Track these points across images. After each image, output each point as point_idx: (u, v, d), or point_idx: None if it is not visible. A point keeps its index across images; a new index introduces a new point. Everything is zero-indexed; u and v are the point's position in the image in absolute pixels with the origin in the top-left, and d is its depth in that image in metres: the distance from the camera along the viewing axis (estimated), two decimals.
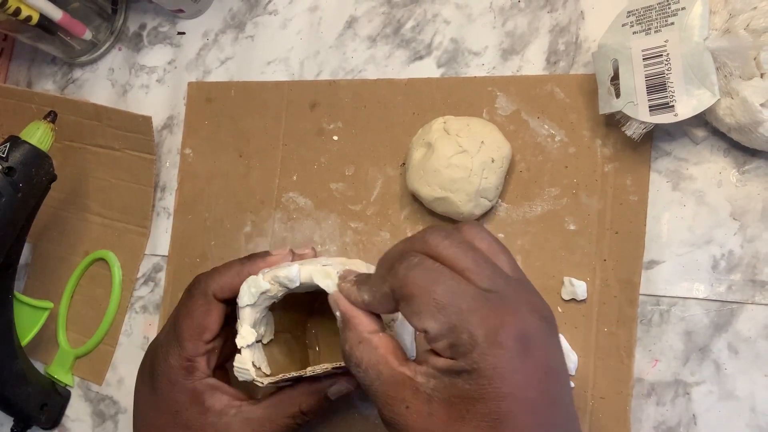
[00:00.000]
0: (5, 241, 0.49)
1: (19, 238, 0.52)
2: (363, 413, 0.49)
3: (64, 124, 0.61)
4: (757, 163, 0.43)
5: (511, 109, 0.49)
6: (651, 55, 0.41)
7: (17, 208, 0.49)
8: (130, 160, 0.61)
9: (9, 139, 0.49)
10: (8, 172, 0.48)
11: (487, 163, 0.45)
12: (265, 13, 0.59)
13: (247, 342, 0.41)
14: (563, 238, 0.46)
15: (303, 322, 0.47)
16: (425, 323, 0.31)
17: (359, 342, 0.34)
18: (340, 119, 0.54)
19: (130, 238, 0.61)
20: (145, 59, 0.64)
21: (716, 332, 0.42)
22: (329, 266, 0.39)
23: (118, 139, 0.61)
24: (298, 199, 0.55)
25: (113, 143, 0.61)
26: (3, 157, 0.48)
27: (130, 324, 0.60)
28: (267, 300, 0.41)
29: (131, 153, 0.60)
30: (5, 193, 0.47)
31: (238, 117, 0.58)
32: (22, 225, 0.51)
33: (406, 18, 0.54)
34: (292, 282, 0.39)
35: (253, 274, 0.41)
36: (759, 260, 0.42)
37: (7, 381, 0.55)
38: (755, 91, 0.39)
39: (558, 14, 0.49)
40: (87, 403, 0.61)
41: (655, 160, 0.45)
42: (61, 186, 0.63)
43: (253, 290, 0.40)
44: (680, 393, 0.42)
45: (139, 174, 0.60)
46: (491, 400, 0.29)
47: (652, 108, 0.41)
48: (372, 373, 0.33)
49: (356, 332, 0.35)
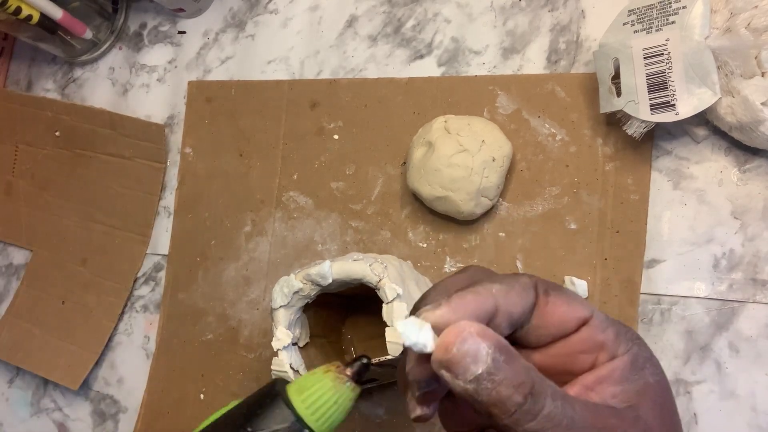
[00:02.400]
0: None
1: None
2: (363, 413, 0.49)
3: (78, 132, 0.61)
4: (758, 161, 0.43)
5: (512, 108, 0.49)
6: (652, 54, 0.41)
7: None
8: (139, 169, 0.61)
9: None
10: None
11: (488, 162, 0.45)
12: (265, 12, 0.59)
13: (283, 344, 0.40)
14: (564, 237, 0.46)
15: (338, 327, 0.47)
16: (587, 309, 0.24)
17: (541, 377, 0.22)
18: (341, 118, 0.54)
19: (129, 246, 0.61)
20: (146, 58, 0.64)
21: (717, 331, 0.42)
22: (360, 260, 0.38)
23: (130, 147, 0.61)
24: (298, 198, 0.55)
25: (124, 151, 0.61)
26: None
27: (130, 323, 0.60)
28: (300, 300, 0.40)
29: (141, 161, 0.61)
30: None
31: (239, 116, 0.58)
32: None
33: (407, 17, 0.54)
34: (325, 279, 0.39)
35: None
36: (760, 259, 0.42)
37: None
38: (756, 89, 0.39)
39: (559, 13, 0.49)
40: (87, 403, 0.61)
41: (656, 159, 0.45)
42: (66, 194, 0.64)
43: (286, 290, 0.40)
44: (681, 392, 0.42)
45: (146, 182, 0.60)
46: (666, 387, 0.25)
47: (653, 107, 0.41)
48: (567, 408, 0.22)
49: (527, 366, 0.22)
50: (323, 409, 0.28)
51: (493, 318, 0.24)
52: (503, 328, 0.24)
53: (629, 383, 0.24)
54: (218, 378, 0.56)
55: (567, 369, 0.25)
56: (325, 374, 0.28)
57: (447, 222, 0.49)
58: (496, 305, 0.24)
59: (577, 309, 0.24)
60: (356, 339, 0.47)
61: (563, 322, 0.24)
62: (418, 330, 0.22)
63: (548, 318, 0.25)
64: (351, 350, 0.47)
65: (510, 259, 0.48)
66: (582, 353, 0.25)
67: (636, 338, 0.25)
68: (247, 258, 0.56)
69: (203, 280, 0.57)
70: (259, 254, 0.56)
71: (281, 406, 0.29)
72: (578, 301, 0.25)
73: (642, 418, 0.23)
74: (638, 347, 0.24)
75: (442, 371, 0.22)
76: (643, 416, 0.23)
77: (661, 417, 0.24)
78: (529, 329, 0.25)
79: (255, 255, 0.56)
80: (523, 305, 0.24)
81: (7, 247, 0.67)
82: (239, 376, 0.55)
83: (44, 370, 0.61)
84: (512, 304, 0.24)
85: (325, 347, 0.45)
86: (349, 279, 0.39)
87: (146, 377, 0.58)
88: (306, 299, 0.40)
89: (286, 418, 0.29)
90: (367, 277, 0.38)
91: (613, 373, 0.24)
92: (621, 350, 0.24)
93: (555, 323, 0.24)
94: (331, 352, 0.46)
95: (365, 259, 0.39)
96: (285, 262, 0.55)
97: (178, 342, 0.57)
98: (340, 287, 0.40)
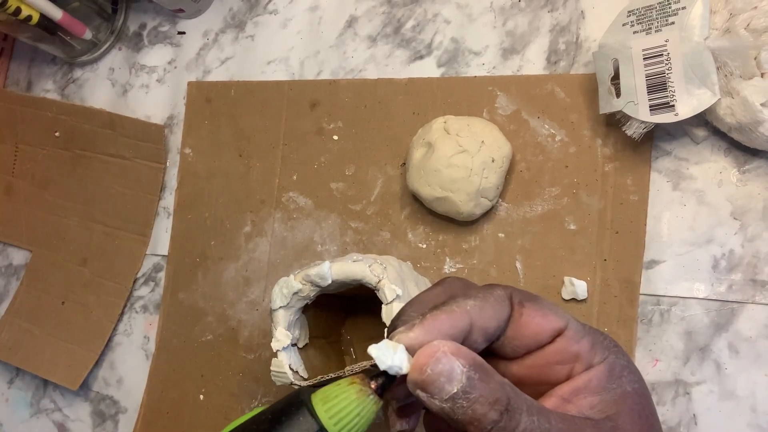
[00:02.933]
0: None
1: None
2: None
3: (78, 132, 0.61)
4: (758, 162, 0.43)
5: (512, 109, 0.49)
6: (651, 55, 0.41)
7: None
8: (139, 169, 0.61)
9: None
10: None
11: (488, 163, 0.45)
12: (265, 12, 0.59)
13: (282, 345, 0.40)
14: (564, 238, 0.46)
15: (337, 328, 0.47)
16: (562, 320, 0.25)
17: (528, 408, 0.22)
18: (341, 119, 0.54)
19: (128, 246, 0.61)
20: (146, 59, 0.64)
21: (717, 332, 0.42)
22: (359, 261, 0.38)
23: (130, 148, 0.61)
24: (298, 199, 0.55)
25: (124, 152, 0.61)
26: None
27: (130, 324, 0.60)
28: (300, 301, 0.40)
29: (141, 162, 0.61)
30: None
31: (238, 116, 0.58)
32: None
33: (407, 17, 0.54)
34: (324, 280, 0.39)
35: None
36: (759, 260, 0.42)
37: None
38: (755, 90, 0.39)
39: (558, 14, 0.49)
40: (87, 403, 0.61)
41: (656, 160, 0.45)
42: (66, 194, 0.64)
43: (285, 291, 0.40)
44: (681, 393, 0.42)
45: (146, 182, 0.60)
46: (645, 395, 0.25)
47: (652, 107, 0.41)
48: (542, 421, 0.23)
49: (520, 400, 0.23)
50: (346, 420, 0.28)
51: (468, 335, 0.24)
52: (479, 343, 0.24)
53: (606, 392, 0.24)
54: (218, 378, 0.56)
55: (543, 379, 0.25)
56: (350, 386, 0.28)
57: (446, 223, 0.49)
58: (470, 322, 0.24)
59: (551, 320, 0.24)
60: (356, 340, 0.47)
61: (537, 333, 0.24)
62: (392, 353, 0.23)
63: (523, 330, 0.25)
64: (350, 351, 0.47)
65: (510, 259, 0.48)
66: (558, 364, 0.25)
67: (613, 346, 0.25)
68: (246, 258, 0.56)
69: (203, 280, 0.57)
70: (259, 255, 0.56)
71: (306, 415, 0.29)
72: (553, 312, 0.25)
73: (620, 428, 0.23)
74: (615, 356, 0.24)
75: (418, 391, 0.22)
76: (621, 426, 0.23)
77: (639, 425, 0.24)
78: (504, 341, 0.25)
79: (255, 255, 0.56)
80: (498, 319, 0.24)
81: (7, 247, 0.67)
82: (239, 376, 0.55)
83: (44, 370, 0.61)
84: (487, 319, 0.24)
85: (324, 348, 0.45)
86: (348, 280, 0.39)
87: (146, 377, 0.58)
88: (305, 300, 0.40)
89: (310, 428, 0.29)
90: (366, 278, 0.38)
91: (589, 384, 0.24)
92: (597, 360, 0.24)
93: (529, 335, 0.25)
94: (330, 353, 0.46)
95: (365, 260, 0.39)
96: (284, 262, 0.55)
97: (177, 342, 0.57)
98: (339, 288, 0.40)
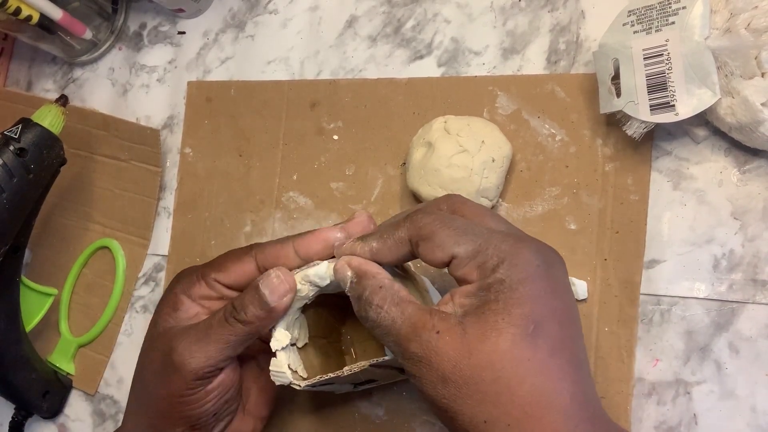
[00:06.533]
0: (15, 222, 0.49)
1: (28, 221, 0.52)
2: (363, 413, 0.49)
3: (71, 131, 0.61)
4: (758, 162, 0.43)
5: (512, 109, 0.49)
6: (652, 55, 0.41)
7: (28, 190, 0.49)
8: (136, 172, 0.61)
9: (21, 121, 0.49)
10: (20, 153, 0.48)
11: (488, 163, 0.45)
12: (265, 12, 0.59)
13: (281, 344, 0.40)
14: (564, 238, 0.46)
15: (337, 328, 0.47)
16: (452, 249, 0.32)
17: (380, 287, 0.34)
18: (341, 119, 0.54)
19: (130, 248, 0.61)
20: (146, 59, 0.64)
21: (717, 332, 0.42)
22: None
23: (125, 150, 0.61)
24: (298, 199, 0.55)
25: (119, 153, 0.61)
26: (15, 138, 0.48)
27: (130, 324, 0.60)
28: (299, 301, 0.40)
29: (137, 164, 0.60)
30: (17, 174, 0.47)
31: (238, 116, 0.58)
32: (32, 208, 0.51)
33: (407, 17, 0.54)
34: (323, 279, 0.38)
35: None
36: (760, 260, 0.42)
37: (12, 365, 0.54)
38: (756, 90, 0.39)
39: (559, 13, 0.49)
40: (87, 403, 0.61)
41: (656, 160, 0.45)
42: (64, 193, 0.63)
43: None
44: (681, 392, 0.42)
45: (144, 185, 0.60)
46: (524, 304, 0.30)
47: (652, 107, 0.41)
48: (395, 311, 0.33)
49: (376, 279, 0.34)
50: None
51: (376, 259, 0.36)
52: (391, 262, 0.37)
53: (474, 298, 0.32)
54: None
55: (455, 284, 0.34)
56: None
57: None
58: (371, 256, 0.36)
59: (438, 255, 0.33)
60: (355, 339, 0.47)
61: (431, 262, 0.33)
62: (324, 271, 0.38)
63: (424, 259, 0.34)
64: (350, 351, 0.47)
65: None
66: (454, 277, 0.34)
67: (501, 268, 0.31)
68: None
69: None
70: None
71: None
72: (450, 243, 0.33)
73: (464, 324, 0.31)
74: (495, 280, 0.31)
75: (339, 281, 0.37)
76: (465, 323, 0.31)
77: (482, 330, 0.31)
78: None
79: None
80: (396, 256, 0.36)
81: None
82: None
83: None
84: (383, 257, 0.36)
85: (325, 348, 0.45)
86: None
87: None
88: (304, 300, 0.40)
89: None
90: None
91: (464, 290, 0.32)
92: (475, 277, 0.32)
93: (428, 262, 0.34)
94: (331, 352, 0.46)
95: None
96: None
97: None
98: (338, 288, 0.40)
